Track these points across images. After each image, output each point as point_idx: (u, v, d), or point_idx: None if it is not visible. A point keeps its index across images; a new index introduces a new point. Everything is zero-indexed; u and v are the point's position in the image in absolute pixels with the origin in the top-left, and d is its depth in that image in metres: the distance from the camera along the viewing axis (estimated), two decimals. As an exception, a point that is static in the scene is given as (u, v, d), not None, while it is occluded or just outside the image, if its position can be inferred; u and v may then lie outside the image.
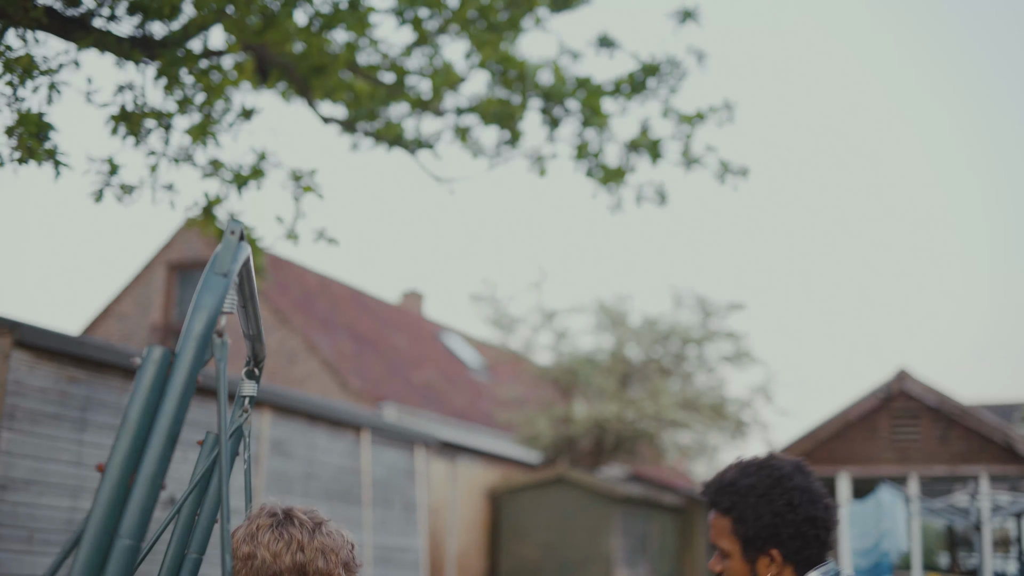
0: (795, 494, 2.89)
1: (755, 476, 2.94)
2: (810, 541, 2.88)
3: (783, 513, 2.87)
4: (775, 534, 2.88)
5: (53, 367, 9.98)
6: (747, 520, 2.91)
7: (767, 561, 2.92)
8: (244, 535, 2.96)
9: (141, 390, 2.05)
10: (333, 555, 2.99)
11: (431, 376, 25.13)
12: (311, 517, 3.02)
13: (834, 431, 20.18)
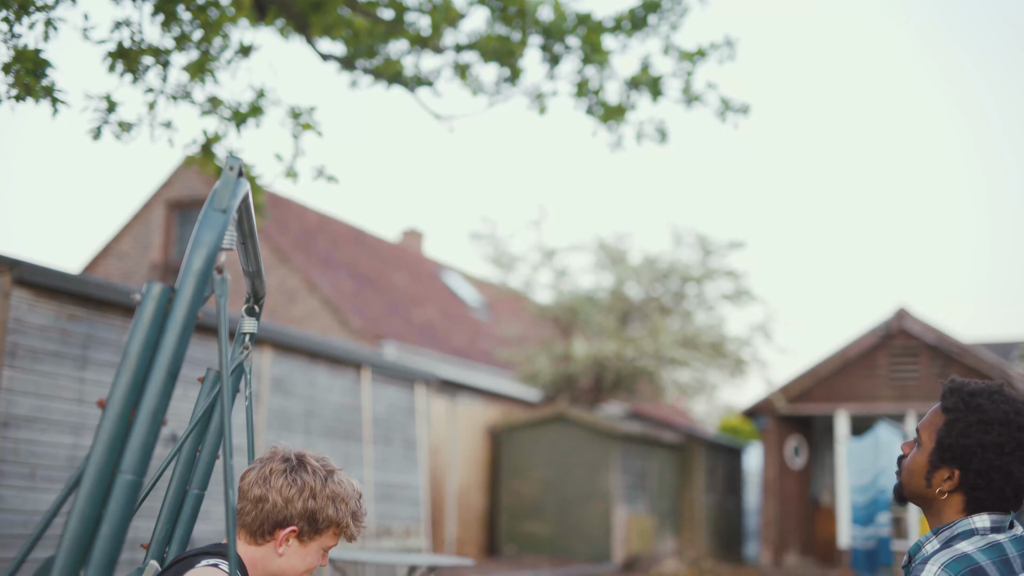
0: (1012, 443, 2.81)
1: (989, 399, 2.87)
2: (992, 488, 2.81)
3: (988, 448, 2.82)
4: (966, 459, 2.84)
5: (53, 305, 9.99)
6: (955, 430, 2.85)
7: (945, 475, 2.87)
8: (256, 478, 2.97)
9: (141, 326, 2.05)
10: (343, 504, 3.01)
11: (431, 314, 25.16)
12: (323, 464, 3.03)
13: (833, 369, 20.24)
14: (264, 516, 2.93)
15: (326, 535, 3.00)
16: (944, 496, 2.90)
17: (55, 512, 2.37)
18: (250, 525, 2.94)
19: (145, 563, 3.08)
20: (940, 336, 19.41)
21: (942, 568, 2.70)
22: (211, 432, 3.32)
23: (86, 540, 1.98)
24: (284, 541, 2.94)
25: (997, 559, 2.76)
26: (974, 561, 2.73)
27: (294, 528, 2.93)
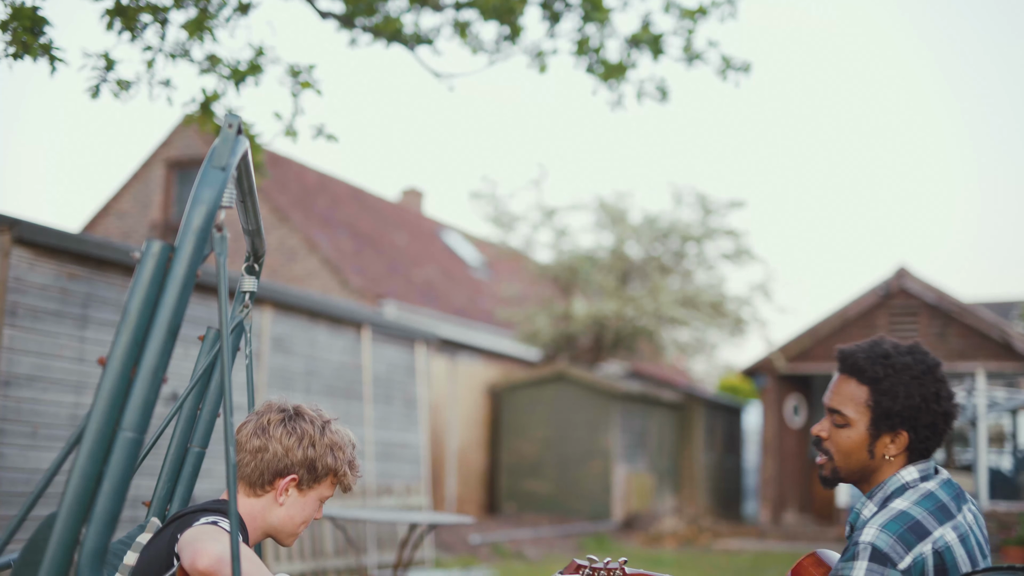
0: (943, 386, 2.91)
1: (910, 357, 2.93)
2: (938, 435, 2.89)
3: (930, 400, 2.88)
4: (915, 417, 2.88)
5: (53, 264, 9.99)
6: (896, 395, 2.89)
7: (889, 440, 2.91)
8: (254, 428, 2.98)
9: (141, 284, 2.05)
10: (341, 452, 3.03)
11: (431, 274, 25.16)
12: (319, 414, 3.05)
13: (833, 328, 20.26)
14: (264, 466, 2.94)
15: (324, 484, 3.02)
16: (891, 460, 2.93)
17: (56, 470, 2.38)
18: (249, 476, 2.95)
19: (147, 520, 3.09)
20: (940, 295, 19.41)
21: (880, 529, 2.73)
22: (211, 390, 3.33)
23: (87, 497, 1.98)
24: (284, 491, 2.96)
25: (933, 507, 2.80)
26: (911, 516, 2.77)
27: (294, 477, 2.95)
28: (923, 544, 2.71)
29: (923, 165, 70.37)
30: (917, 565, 2.69)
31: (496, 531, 18.07)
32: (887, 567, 2.68)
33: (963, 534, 2.79)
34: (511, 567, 14.90)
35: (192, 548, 2.45)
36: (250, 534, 2.97)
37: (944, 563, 2.71)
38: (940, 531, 2.75)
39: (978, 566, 2.77)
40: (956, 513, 2.82)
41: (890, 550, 2.69)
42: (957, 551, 2.74)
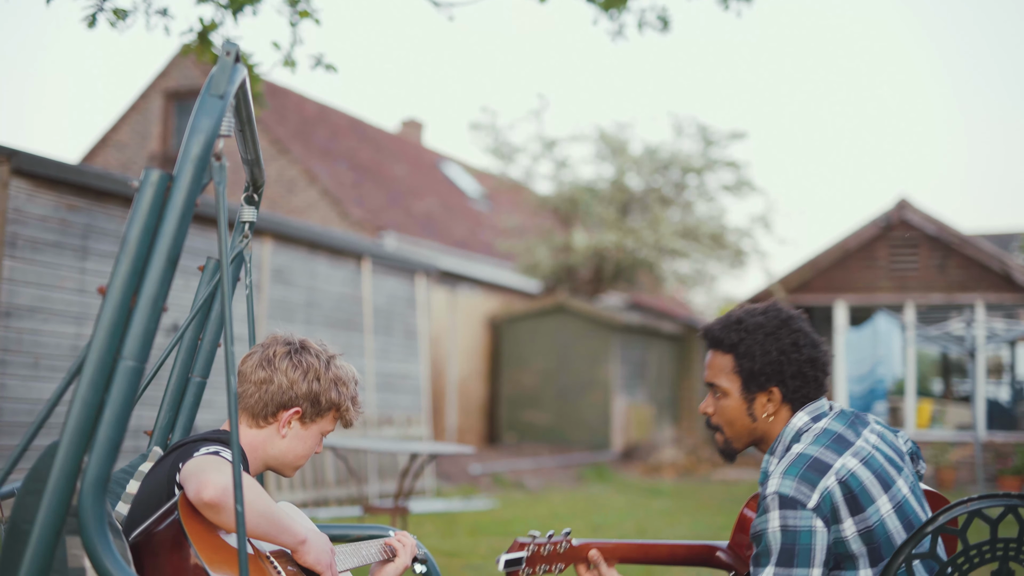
0: (800, 335, 2.97)
1: (762, 316, 3.02)
2: (809, 381, 2.94)
3: (788, 351, 2.94)
4: (779, 371, 2.95)
5: (52, 195, 9.97)
6: (754, 355, 2.97)
7: (765, 399, 2.98)
8: (260, 360, 2.99)
9: (140, 213, 2.04)
10: (344, 387, 3.03)
11: (431, 206, 25.11)
12: (324, 349, 3.06)
13: (833, 260, 20.26)
14: (268, 397, 2.95)
15: (326, 418, 3.03)
16: (771, 418, 2.98)
17: (57, 400, 2.38)
18: (253, 407, 2.96)
19: (149, 449, 3.11)
20: (940, 227, 19.38)
21: (782, 476, 2.78)
22: (212, 320, 3.33)
23: (89, 426, 1.99)
24: (287, 423, 2.97)
25: (829, 441, 2.86)
26: (808, 456, 2.82)
27: (298, 409, 2.96)
28: (826, 478, 2.75)
29: (925, 96, 70.02)
30: (825, 500, 2.74)
31: (496, 461, 18.19)
32: (798, 509, 2.72)
33: (866, 457, 2.83)
34: (511, 497, 15.02)
35: (196, 480, 2.47)
36: (251, 465, 2.98)
37: (852, 490, 2.76)
38: (840, 461, 2.79)
39: (892, 482, 2.82)
40: (855, 439, 2.88)
41: (796, 492, 2.74)
42: (862, 474, 2.78)
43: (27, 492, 2.17)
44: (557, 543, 3.00)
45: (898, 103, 67.87)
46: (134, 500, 2.82)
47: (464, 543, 10.41)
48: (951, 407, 20.83)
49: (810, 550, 2.71)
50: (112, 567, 1.99)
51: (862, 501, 2.75)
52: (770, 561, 2.73)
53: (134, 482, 2.93)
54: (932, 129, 71.76)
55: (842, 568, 2.77)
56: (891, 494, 2.80)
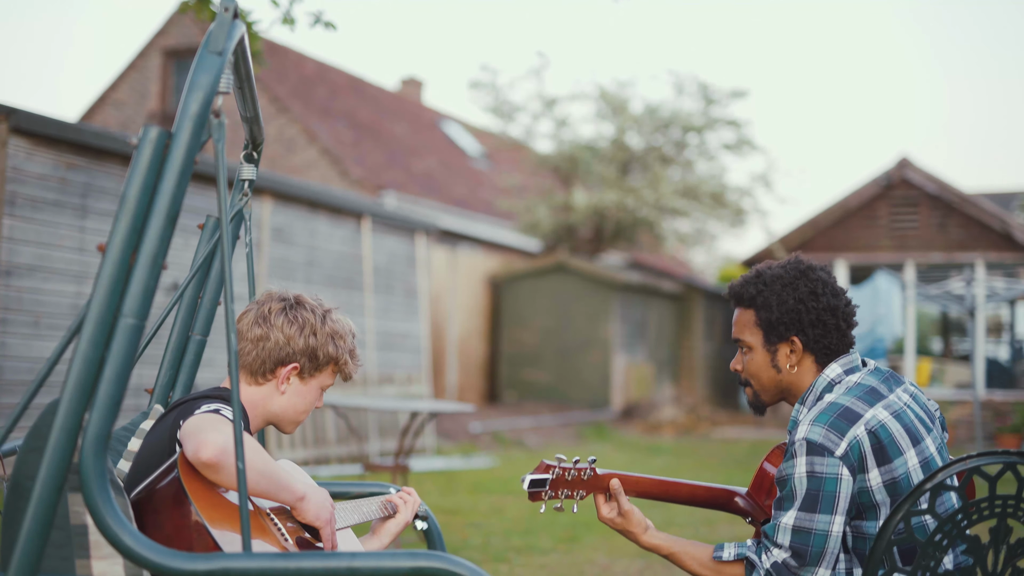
0: (819, 284, 2.98)
1: (781, 268, 3.04)
2: (830, 330, 2.94)
3: (806, 300, 2.96)
4: (797, 320, 2.97)
5: (51, 154, 9.94)
6: (771, 306, 2.99)
7: (787, 349, 3.00)
8: (255, 317, 2.99)
9: (139, 170, 2.04)
10: (342, 341, 3.04)
11: (431, 164, 25.06)
12: (320, 303, 3.06)
13: (833, 219, 20.24)
14: (266, 354, 2.96)
15: (325, 373, 3.03)
16: (795, 369, 3.00)
17: (58, 357, 2.39)
18: (251, 365, 2.97)
19: (150, 407, 3.12)
20: (941, 186, 19.35)
21: (812, 423, 2.79)
22: (212, 279, 3.33)
23: (90, 383, 1.99)
24: (285, 379, 2.98)
25: (862, 393, 2.88)
26: (840, 405, 2.83)
27: (296, 365, 2.97)
28: (855, 427, 2.78)
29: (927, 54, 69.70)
30: (854, 449, 2.76)
31: (496, 420, 18.24)
32: (825, 456, 2.74)
33: (897, 411, 2.85)
34: (511, 455, 15.08)
35: (195, 439, 2.47)
36: (251, 422, 2.99)
37: (880, 441, 2.77)
38: (871, 412, 2.81)
39: (921, 438, 2.84)
40: (888, 394, 2.89)
41: (824, 440, 2.76)
42: (892, 426, 2.80)
43: (28, 450, 2.18)
44: (582, 470, 3.01)
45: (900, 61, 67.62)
46: (135, 457, 2.83)
47: (464, 501, 10.45)
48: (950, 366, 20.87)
49: (834, 497, 2.73)
50: (114, 523, 2.00)
51: (890, 452, 2.77)
52: (793, 505, 2.75)
53: (135, 440, 2.94)
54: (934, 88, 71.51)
55: (864, 518, 2.79)
56: (919, 449, 2.82)
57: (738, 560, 2.85)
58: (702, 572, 2.90)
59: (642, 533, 2.99)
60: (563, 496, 3.02)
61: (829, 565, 2.75)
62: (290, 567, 2.07)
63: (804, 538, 2.73)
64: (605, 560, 7.73)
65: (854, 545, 2.81)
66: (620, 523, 3.00)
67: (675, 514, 9.53)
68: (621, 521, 3.00)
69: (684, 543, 2.96)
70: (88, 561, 2.23)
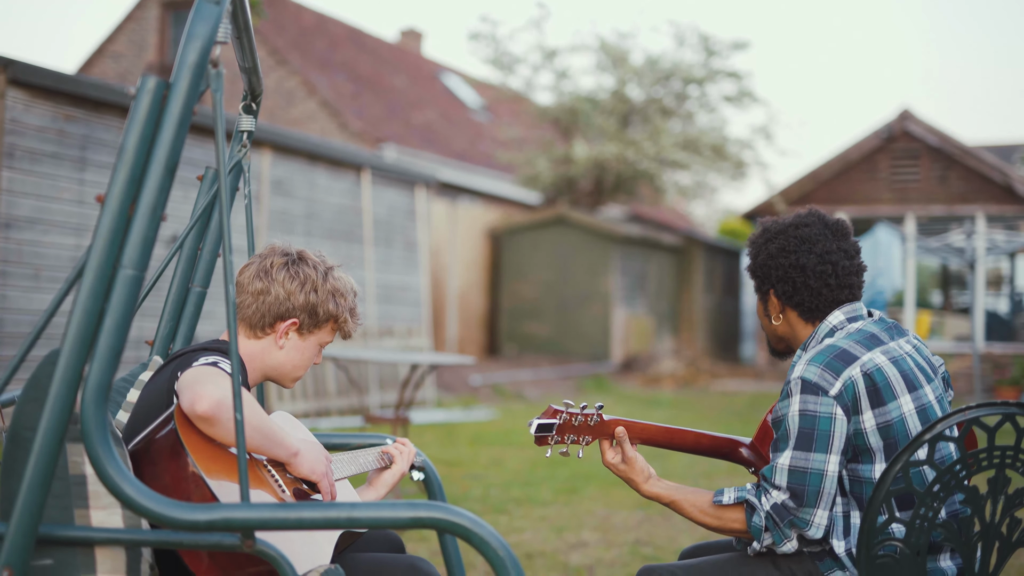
0: (792, 241, 2.99)
1: (775, 222, 3.07)
2: (799, 287, 2.96)
3: (775, 256, 2.99)
4: (767, 275, 3.02)
5: (50, 106, 9.90)
6: (751, 257, 3.07)
7: (772, 301, 3.05)
8: (257, 271, 2.98)
9: (137, 121, 2.03)
10: (342, 299, 3.03)
11: (431, 117, 24.97)
12: (322, 260, 3.05)
13: (834, 171, 20.20)
14: (265, 308, 2.95)
15: (324, 330, 3.03)
16: (780, 320, 3.06)
17: (55, 309, 2.38)
18: (250, 318, 2.96)
19: (149, 359, 3.12)
20: (942, 138, 19.29)
21: (808, 363, 2.82)
22: (211, 230, 3.33)
23: (90, 334, 1.99)
24: (284, 334, 2.97)
25: (861, 338, 2.90)
26: (837, 347, 2.86)
27: (295, 321, 2.96)
28: (851, 368, 2.80)
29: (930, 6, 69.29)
30: (848, 389, 2.78)
31: (496, 372, 18.29)
32: (819, 395, 2.77)
33: (895, 357, 2.87)
34: (511, 407, 15.12)
35: (191, 392, 2.46)
36: (249, 375, 2.99)
37: (875, 383, 2.80)
38: (869, 355, 2.84)
39: (919, 385, 2.86)
40: (888, 341, 2.92)
41: (819, 379, 2.78)
42: (888, 370, 2.82)
43: (27, 400, 2.18)
44: (588, 416, 3.02)
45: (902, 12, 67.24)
46: (134, 408, 2.83)
47: (464, 453, 10.50)
48: (950, 319, 20.89)
49: (829, 437, 2.75)
50: (115, 474, 2.00)
51: (884, 395, 2.79)
52: (788, 445, 2.78)
53: (134, 391, 2.94)
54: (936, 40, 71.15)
55: (859, 461, 2.81)
56: (915, 395, 2.83)
57: (738, 504, 2.87)
58: (703, 518, 2.92)
59: (644, 482, 3.01)
60: (569, 441, 3.03)
61: (827, 506, 2.77)
62: (290, 517, 2.08)
63: (800, 478, 2.75)
64: (604, 511, 7.77)
65: (851, 489, 2.83)
66: (623, 470, 3.02)
67: (674, 467, 9.58)
68: (624, 468, 3.02)
69: (685, 491, 2.98)
70: (87, 511, 2.24)
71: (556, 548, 6.56)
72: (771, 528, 2.80)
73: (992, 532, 2.70)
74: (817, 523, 2.76)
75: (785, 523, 2.78)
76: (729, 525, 2.89)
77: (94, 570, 2.22)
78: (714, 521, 2.90)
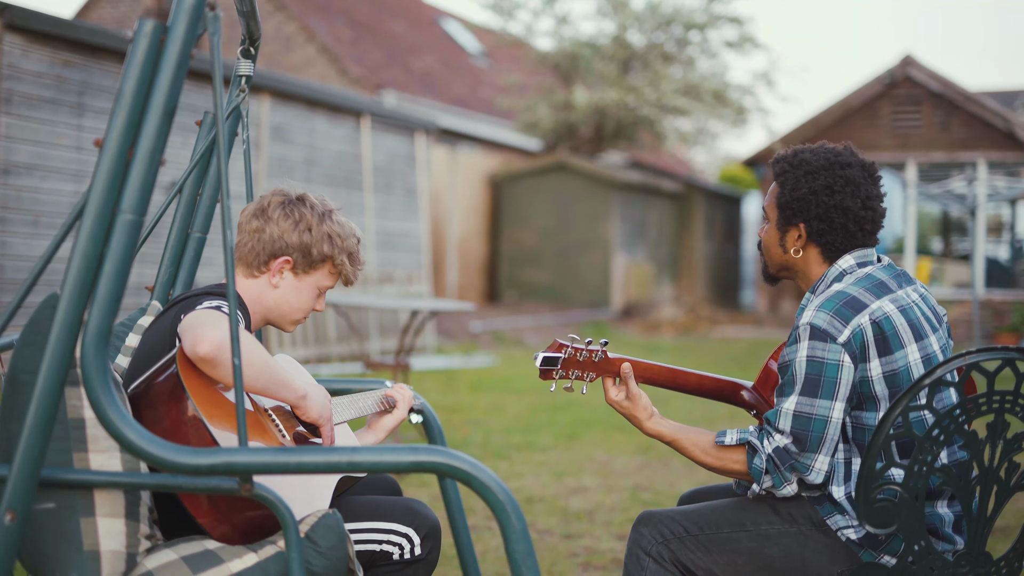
0: (839, 181, 2.95)
1: (811, 154, 3.02)
2: (836, 228, 2.94)
3: (820, 192, 2.94)
4: (806, 209, 2.96)
5: (47, 51, 9.85)
6: (788, 188, 2.99)
7: (796, 234, 3.01)
8: (255, 210, 2.99)
9: (134, 64, 2.01)
10: (340, 241, 3.02)
11: (430, 63, 24.83)
12: (323, 204, 3.05)
13: (835, 118, 20.12)
14: (261, 246, 2.96)
15: (321, 271, 3.02)
16: (800, 254, 3.02)
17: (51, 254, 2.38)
18: (246, 256, 2.97)
19: (148, 304, 3.12)
20: (944, 84, 19.20)
21: (817, 309, 2.81)
22: (210, 175, 3.32)
23: (89, 279, 1.99)
24: (278, 272, 2.98)
25: (871, 285, 2.88)
26: (847, 294, 2.85)
27: (288, 259, 2.96)
28: (860, 316, 2.79)
29: (933, -50, 68.83)
30: (856, 337, 2.78)
31: (496, 319, 18.32)
32: (827, 342, 2.77)
33: (903, 306, 2.86)
34: (511, 354, 15.16)
35: (192, 334, 2.46)
36: (251, 319, 2.99)
37: (883, 332, 2.80)
38: (878, 303, 2.83)
39: (925, 335, 2.86)
40: (896, 289, 2.91)
41: (828, 326, 2.78)
42: (896, 319, 2.82)
43: (26, 344, 2.18)
44: (593, 352, 3.03)
45: (905, -43, 66.73)
46: (135, 352, 2.84)
47: (465, 399, 10.53)
48: (950, 265, 20.90)
49: (835, 383, 2.76)
50: (116, 418, 2.01)
51: (892, 344, 2.79)
52: (794, 391, 2.78)
53: (133, 335, 2.94)
54: (939, -16, 70.68)
55: (863, 409, 2.82)
56: (921, 345, 2.83)
57: (740, 445, 2.88)
58: (704, 458, 2.93)
59: (646, 419, 3.01)
60: (573, 376, 3.04)
61: (829, 452, 2.78)
62: (290, 461, 2.08)
63: (804, 424, 2.76)
64: (604, 457, 7.81)
65: (853, 436, 2.84)
66: (627, 407, 3.02)
67: (674, 413, 9.61)
68: (628, 405, 3.02)
69: (687, 430, 2.98)
70: (86, 454, 2.25)
71: (556, 493, 6.60)
72: (771, 471, 2.82)
73: (990, 476, 2.71)
74: (818, 468, 2.78)
75: (786, 467, 2.80)
76: (730, 466, 2.90)
77: (93, 513, 2.24)
78: (715, 461, 2.91)
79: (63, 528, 2.21)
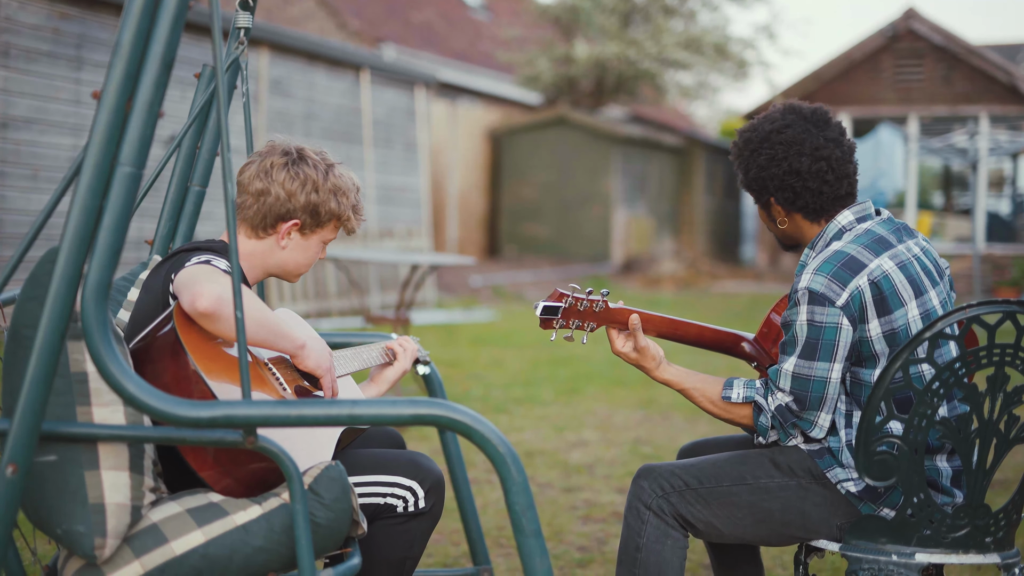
0: (779, 149, 2.93)
1: (753, 131, 3.00)
2: (799, 191, 2.93)
3: (766, 167, 2.94)
4: (764, 186, 2.98)
5: (44, 3, 9.79)
6: (743, 171, 3.02)
7: (774, 209, 3.02)
8: (257, 171, 2.94)
9: (132, 15, 1.99)
10: (344, 197, 3.00)
11: (430, 16, 24.69)
12: (323, 158, 3.01)
13: (837, 71, 20.02)
14: (267, 209, 2.92)
15: (327, 228, 3.01)
16: (786, 224, 3.02)
17: (52, 207, 2.37)
18: (251, 219, 2.94)
19: (149, 258, 3.11)
20: (947, 37, 19.10)
21: (815, 272, 2.81)
22: (209, 129, 3.30)
23: (88, 232, 1.98)
24: (286, 234, 2.95)
25: (870, 241, 2.87)
26: (845, 253, 2.83)
27: (296, 221, 2.94)
28: (858, 278, 2.80)
29: (937, -98, 68.40)
30: (855, 299, 2.78)
31: (497, 273, 18.32)
32: (825, 306, 2.78)
33: (903, 262, 2.86)
34: (511, 308, 15.17)
35: (190, 291, 2.46)
36: (249, 273, 2.98)
37: (882, 291, 2.80)
38: (876, 262, 2.82)
39: (924, 290, 2.86)
40: (896, 244, 2.89)
41: (826, 290, 2.78)
42: (895, 277, 2.82)
43: (27, 298, 2.18)
44: (594, 302, 3.03)
45: (908, -91, 66.24)
46: (134, 308, 2.83)
47: (465, 353, 10.55)
48: (951, 220, 20.88)
49: (833, 346, 2.78)
50: (117, 371, 2.01)
51: (891, 303, 2.79)
52: (795, 352, 2.81)
53: (134, 290, 2.94)
54: (942, -64, 70.19)
55: (863, 366, 2.83)
56: (920, 301, 2.83)
57: (747, 403, 2.90)
58: (712, 409, 2.96)
59: (656, 368, 3.03)
60: (574, 326, 3.05)
61: (829, 409, 2.82)
62: (292, 414, 2.08)
63: (803, 384, 2.79)
64: (605, 411, 7.84)
65: (852, 391, 2.85)
66: (635, 358, 3.04)
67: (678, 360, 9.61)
68: (636, 356, 3.03)
69: (696, 379, 3.00)
70: (89, 408, 2.25)
71: (556, 447, 6.62)
72: (776, 427, 2.87)
73: (990, 429, 2.72)
74: (820, 424, 2.83)
75: (789, 424, 2.85)
76: (737, 420, 2.96)
77: (97, 466, 2.24)
78: (723, 413, 2.96)
79: (68, 482, 2.22)
